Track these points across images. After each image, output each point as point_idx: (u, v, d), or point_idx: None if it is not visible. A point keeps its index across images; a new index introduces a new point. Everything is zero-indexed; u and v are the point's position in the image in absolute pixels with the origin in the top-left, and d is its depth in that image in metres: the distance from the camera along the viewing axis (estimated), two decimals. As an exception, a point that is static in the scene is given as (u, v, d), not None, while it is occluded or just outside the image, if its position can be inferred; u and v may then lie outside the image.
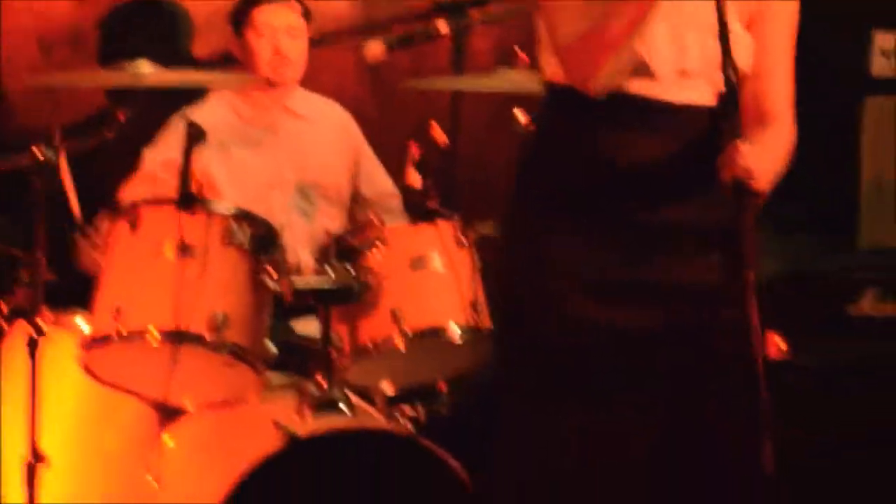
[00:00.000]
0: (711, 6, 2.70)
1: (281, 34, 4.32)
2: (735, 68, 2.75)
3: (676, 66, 2.85)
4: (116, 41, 4.52)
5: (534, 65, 3.18)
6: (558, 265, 2.90)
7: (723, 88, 2.77)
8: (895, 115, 5.00)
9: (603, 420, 2.83)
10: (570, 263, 2.88)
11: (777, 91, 3.01)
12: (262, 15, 4.31)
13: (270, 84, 4.35)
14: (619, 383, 2.83)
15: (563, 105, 2.95)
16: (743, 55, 2.87)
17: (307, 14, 4.37)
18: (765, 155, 2.78)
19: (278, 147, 4.38)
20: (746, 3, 2.90)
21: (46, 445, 3.48)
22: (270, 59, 4.33)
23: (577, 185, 2.91)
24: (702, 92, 2.83)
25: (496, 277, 3.33)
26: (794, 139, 2.95)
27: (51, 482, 3.53)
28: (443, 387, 3.86)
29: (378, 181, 4.51)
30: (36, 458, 3.42)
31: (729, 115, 2.74)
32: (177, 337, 3.36)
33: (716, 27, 2.72)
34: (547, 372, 2.90)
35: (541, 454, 2.93)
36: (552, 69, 2.93)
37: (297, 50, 4.35)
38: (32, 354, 3.49)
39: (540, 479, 2.93)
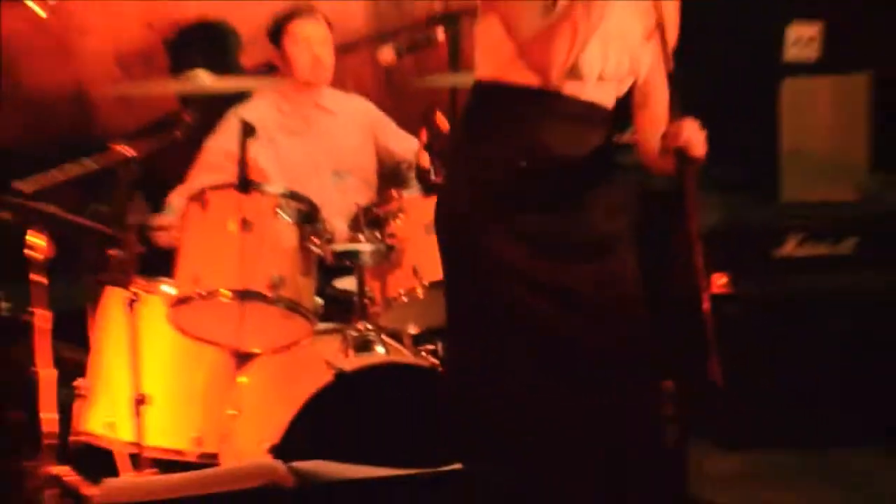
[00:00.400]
0: (632, 22, 2.91)
1: (314, 42, 4.36)
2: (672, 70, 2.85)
3: (599, 71, 2.90)
4: (180, 57, 4.53)
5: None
6: (493, 234, 2.92)
7: (620, 94, 2.98)
8: (806, 93, 5.04)
9: (542, 361, 2.89)
10: (506, 231, 2.92)
11: (663, 85, 2.98)
12: (296, 27, 4.36)
13: (306, 85, 4.41)
14: (553, 332, 2.91)
15: (493, 101, 2.99)
16: (645, 62, 2.99)
17: (330, 26, 4.42)
18: (692, 126, 2.82)
19: (314, 138, 4.41)
20: (645, 12, 2.91)
21: (147, 388, 3.65)
22: (307, 64, 4.37)
23: (506, 170, 2.93)
24: (609, 95, 2.95)
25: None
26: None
27: (152, 418, 3.70)
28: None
29: (402, 140, 4.51)
30: (140, 400, 3.60)
31: (671, 101, 2.83)
32: (243, 295, 3.54)
33: (629, 41, 2.91)
34: (489, 325, 2.95)
35: (488, 388, 2.94)
36: (485, 69, 2.99)
37: (327, 55, 4.41)
38: (131, 315, 3.66)
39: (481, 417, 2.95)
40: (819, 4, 5.39)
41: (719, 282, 4.35)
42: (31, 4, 2.69)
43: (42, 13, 2.71)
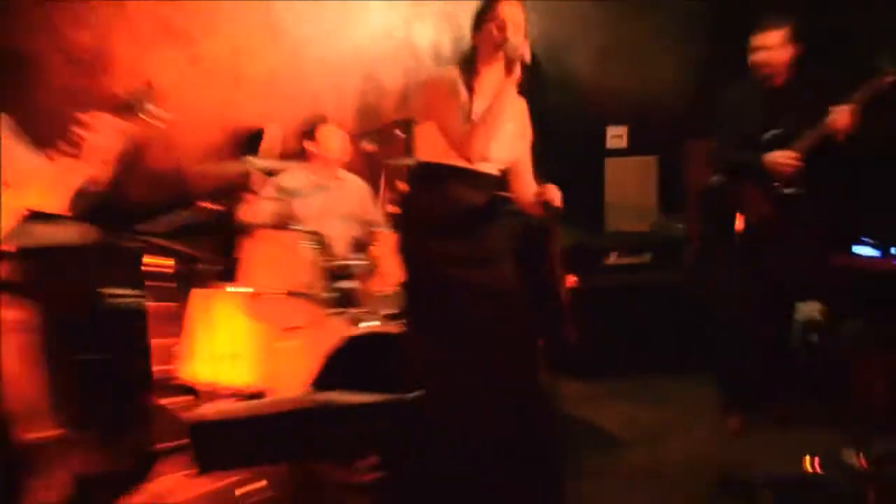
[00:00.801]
0: (511, 128, 2.96)
1: (333, 140, 4.19)
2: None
3: (496, 154, 2.93)
4: (238, 149, 4.46)
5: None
6: (432, 253, 2.97)
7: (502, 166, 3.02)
8: (619, 167, 5.10)
9: (461, 330, 2.92)
10: (440, 252, 2.95)
11: (529, 172, 3.09)
12: (323, 137, 4.17)
13: (328, 163, 4.23)
14: (467, 311, 2.93)
15: (430, 174, 3.00)
16: (515, 148, 3.04)
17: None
18: (553, 188, 2.88)
19: (330, 195, 4.23)
20: (517, 118, 3.01)
21: (219, 350, 3.62)
22: (333, 151, 4.19)
23: (439, 215, 2.97)
24: (495, 169, 2.99)
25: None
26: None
27: (230, 370, 3.63)
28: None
29: (374, 211, 4.37)
30: (215, 357, 3.57)
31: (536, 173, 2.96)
32: (284, 293, 3.55)
33: (510, 135, 2.96)
34: (431, 307, 3.00)
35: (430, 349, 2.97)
36: (424, 154, 3.01)
37: (343, 149, 4.24)
38: (208, 305, 3.64)
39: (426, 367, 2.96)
40: (625, 113, 5.46)
41: (571, 279, 4.38)
42: (151, 121, 2.67)
43: (158, 124, 2.70)
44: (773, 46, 3.77)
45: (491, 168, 2.98)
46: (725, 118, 3.97)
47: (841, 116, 3.54)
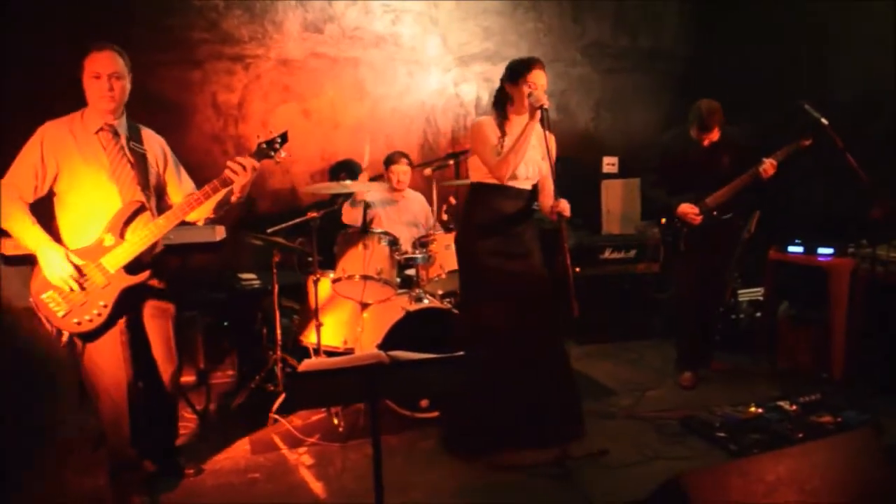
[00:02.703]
0: (535, 152, 2.90)
1: (401, 171, 4.04)
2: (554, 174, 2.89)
3: (522, 173, 2.89)
4: (334, 173, 4.43)
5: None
6: (483, 250, 2.92)
7: (533, 185, 2.97)
8: (612, 186, 4.89)
9: (500, 302, 2.91)
10: (488, 250, 2.92)
11: (552, 185, 2.94)
12: (393, 170, 4.04)
13: (398, 185, 4.08)
14: (506, 290, 2.91)
15: (479, 190, 2.96)
16: (543, 170, 2.97)
17: (410, 161, 4.12)
18: (564, 202, 2.80)
19: (400, 207, 4.12)
20: (541, 148, 2.87)
21: (323, 319, 3.52)
22: (400, 179, 4.04)
23: (485, 221, 2.94)
24: (528, 185, 2.94)
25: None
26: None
27: (325, 332, 3.56)
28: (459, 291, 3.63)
29: (431, 218, 4.06)
30: (319, 325, 3.44)
31: (555, 188, 2.84)
32: (365, 277, 3.43)
33: (535, 160, 2.91)
34: (480, 290, 2.97)
35: (478, 320, 2.95)
36: (475, 176, 2.97)
37: (406, 176, 4.06)
38: (314, 286, 3.47)
39: (478, 328, 2.94)
40: (616, 148, 5.33)
41: (576, 269, 4.25)
42: (278, 159, 2.64)
43: (276, 161, 2.67)
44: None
45: (524, 184, 2.95)
46: (657, 159, 3.76)
47: (768, 166, 3.49)
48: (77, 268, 2.39)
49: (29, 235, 2.38)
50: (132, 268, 2.49)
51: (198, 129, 4.47)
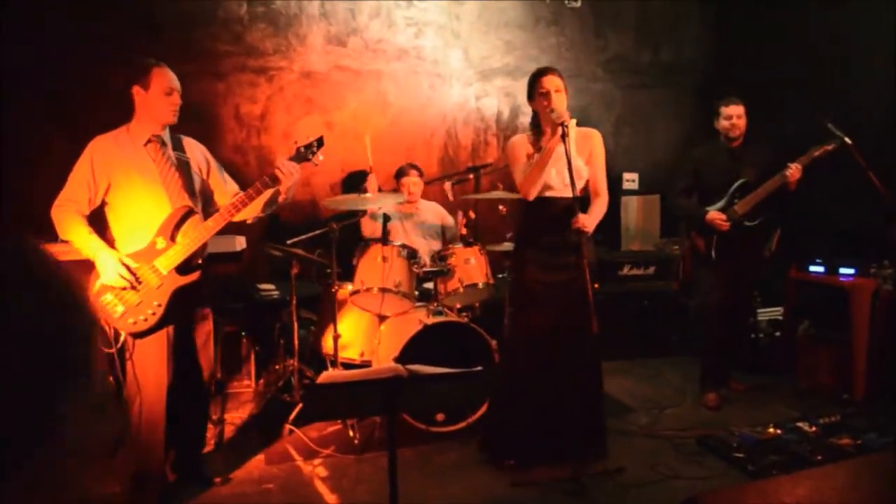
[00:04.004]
0: (579, 163, 2.91)
1: (412, 185, 4.07)
2: (582, 186, 2.94)
3: (558, 183, 2.90)
4: (348, 185, 4.46)
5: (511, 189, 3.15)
6: (528, 261, 2.98)
7: (580, 189, 2.94)
8: (632, 202, 4.90)
9: (540, 313, 2.95)
10: (532, 260, 2.97)
11: (600, 184, 3.03)
12: (404, 181, 4.08)
13: (412, 197, 4.09)
14: (546, 301, 2.95)
15: (525, 203, 2.98)
16: (583, 173, 2.96)
17: (421, 175, 4.13)
18: (591, 217, 2.86)
19: (415, 219, 4.12)
20: (584, 151, 2.97)
21: (340, 331, 3.51)
22: (412, 192, 4.07)
23: (533, 232, 2.99)
24: (566, 193, 2.84)
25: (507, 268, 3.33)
26: (606, 206, 3.04)
27: (342, 344, 3.55)
28: (477, 305, 3.82)
29: (451, 225, 4.17)
30: (336, 336, 3.44)
31: (582, 202, 2.86)
32: (383, 290, 3.40)
33: (577, 165, 2.89)
34: (523, 299, 3.01)
35: (519, 329, 3.03)
36: (519, 190, 2.98)
37: (418, 188, 4.10)
38: (333, 297, 3.53)
39: (518, 338, 3.03)
40: (636, 164, 5.31)
41: (595, 285, 4.27)
42: (315, 162, 2.87)
43: (314, 163, 2.87)
44: (736, 116, 3.71)
45: (563, 192, 2.90)
46: (689, 172, 3.84)
47: (794, 170, 3.53)
48: (131, 270, 2.53)
49: (87, 245, 2.53)
50: (183, 269, 2.62)
51: (221, 139, 4.51)
